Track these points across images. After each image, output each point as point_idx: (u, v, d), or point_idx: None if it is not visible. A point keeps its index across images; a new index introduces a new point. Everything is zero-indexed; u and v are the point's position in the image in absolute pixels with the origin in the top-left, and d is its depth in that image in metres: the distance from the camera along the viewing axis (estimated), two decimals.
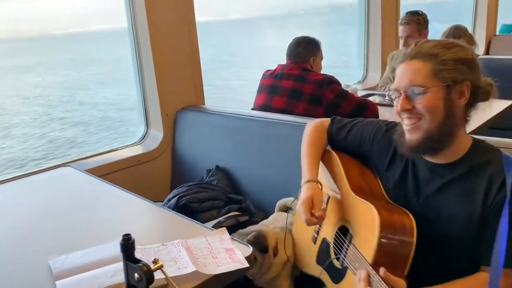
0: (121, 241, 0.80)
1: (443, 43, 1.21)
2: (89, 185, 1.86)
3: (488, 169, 1.18)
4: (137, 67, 2.44)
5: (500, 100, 2.77)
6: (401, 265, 1.19)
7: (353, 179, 1.41)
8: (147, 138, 2.52)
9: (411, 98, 1.19)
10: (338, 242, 1.40)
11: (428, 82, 1.17)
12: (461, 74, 1.17)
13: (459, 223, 1.21)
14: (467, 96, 1.19)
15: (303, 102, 2.42)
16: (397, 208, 1.28)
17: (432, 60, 1.17)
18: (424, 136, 1.20)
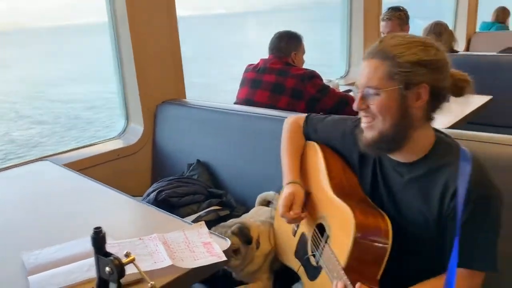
0: (91, 235, 0.78)
1: (407, 41, 1.17)
2: (67, 180, 1.83)
3: (445, 174, 1.17)
4: (117, 60, 2.41)
5: (480, 96, 2.81)
6: (375, 269, 1.18)
7: (334, 176, 1.39)
8: (127, 132, 2.49)
9: (366, 98, 1.19)
10: (315, 239, 1.39)
11: (382, 84, 1.16)
12: (417, 76, 1.14)
13: (420, 225, 1.22)
14: (424, 98, 1.16)
15: (286, 96, 2.42)
16: (373, 210, 1.27)
17: (389, 61, 1.15)
18: (378, 136, 1.19)
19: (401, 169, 1.25)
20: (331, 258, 1.24)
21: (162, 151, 2.48)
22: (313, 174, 1.49)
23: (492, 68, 3.44)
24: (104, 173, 2.23)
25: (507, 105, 3.20)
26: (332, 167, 1.42)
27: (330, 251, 1.26)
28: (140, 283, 1.05)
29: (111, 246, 1.20)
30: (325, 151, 1.47)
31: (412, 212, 1.23)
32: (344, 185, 1.38)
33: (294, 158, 1.53)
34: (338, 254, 1.22)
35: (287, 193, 1.40)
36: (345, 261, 1.18)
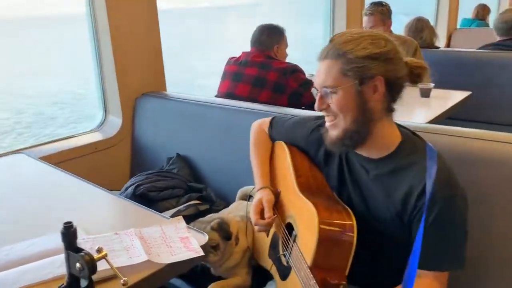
0: (61, 229, 0.75)
1: (355, 37, 1.18)
2: (43, 173, 1.78)
3: (410, 174, 1.17)
4: (96, 51, 2.35)
5: (459, 91, 2.84)
6: (342, 265, 1.18)
7: (301, 175, 1.39)
8: (105, 125, 2.43)
9: (324, 97, 1.20)
10: (285, 239, 1.39)
11: (337, 83, 1.17)
12: (370, 70, 1.15)
13: (387, 222, 1.21)
14: (381, 91, 1.16)
15: (267, 90, 2.41)
16: (338, 207, 1.26)
17: (340, 59, 1.16)
18: (342, 133, 1.20)
19: (368, 165, 1.25)
20: (299, 257, 1.24)
21: (141, 144, 2.44)
22: (282, 173, 1.49)
23: (472, 64, 3.48)
24: (81, 167, 2.18)
25: (486, 101, 3.25)
26: (299, 166, 1.42)
27: (298, 250, 1.25)
28: (114, 279, 1.02)
29: (84, 241, 1.18)
30: (292, 151, 1.47)
31: (379, 208, 1.23)
32: (311, 183, 1.38)
33: (262, 164, 1.55)
34: (304, 253, 1.22)
35: (255, 201, 1.43)
36: (311, 259, 1.18)
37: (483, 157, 1.34)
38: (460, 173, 1.20)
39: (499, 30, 3.66)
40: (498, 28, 3.67)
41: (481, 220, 1.29)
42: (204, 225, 1.59)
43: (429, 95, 2.71)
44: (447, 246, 1.14)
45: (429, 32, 3.82)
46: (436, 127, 1.52)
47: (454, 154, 1.36)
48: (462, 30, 5.59)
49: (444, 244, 1.13)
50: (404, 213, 1.17)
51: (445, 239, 1.13)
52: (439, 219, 1.11)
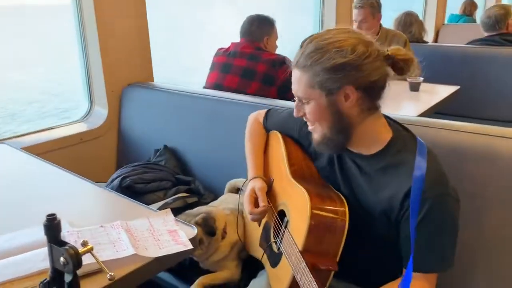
0: (44, 222, 0.72)
1: (321, 45, 1.12)
2: (26, 164, 1.73)
3: (399, 172, 1.14)
4: (81, 39, 2.29)
5: (447, 86, 2.85)
6: (333, 251, 1.17)
7: (294, 163, 1.39)
8: (90, 115, 2.37)
9: (299, 106, 1.20)
10: (276, 226, 1.38)
11: (306, 94, 1.16)
12: (336, 82, 1.11)
13: (376, 217, 1.20)
14: (353, 98, 1.13)
15: (256, 81, 2.38)
16: (332, 194, 1.25)
17: (306, 71, 1.14)
18: (322, 138, 1.20)
19: (359, 161, 1.23)
20: (290, 242, 1.23)
21: (128, 135, 2.39)
22: (275, 162, 1.49)
23: (460, 59, 3.49)
24: (66, 158, 2.13)
25: (474, 96, 3.27)
26: (292, 155, 1.42)
27: (289, 235, 1.25)
28: (100, 273, 0.99)
29: (69, 234, 1.14)
30: (287, 140, 1.47)
31: (368, 204, 1.21)
32: (304, 171, 1.38)
33: (255, 154, 1.54)
34: (296, 238, 1.21)
35: (248, 190, 1.42)
36: (302, 244, 1.17)
37: (475, 151, 1.34)
38: (451, 167, 1.19)
39: (484, 25, 3.69)
40: (483, 23, 3.70)
41: (472, 214, 1.29)
42: (190, 218, 1.57)
43: (418, 89, 2.71)
44: (436, 247, 1.12)
45: (418, 27, 3.83)
46: (427, 120, 1.52)
47: (445, 148, 1.36)
48: (450, 25, 5.62)
49: (433, 245, 1.11)
50: (391, 212, 1.15)
51: (434, 240, 1.11)
52: (428, 218, 1.09)
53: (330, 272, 1.16)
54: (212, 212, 1.62)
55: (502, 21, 3.63)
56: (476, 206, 1.31)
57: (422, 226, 1.09)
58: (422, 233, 1.09)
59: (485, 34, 3.71)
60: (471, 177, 1.33)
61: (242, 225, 1.66)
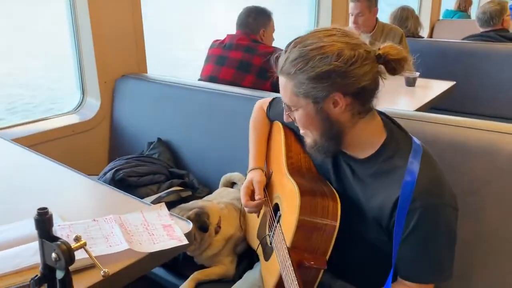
0: (35, 216, 0.69)
1: (306, 51, 1.05)
2: (16, 156, 1.69)
3: (390, 179, 1.09)
4: (73, 28, 2.24)
5: (442, 81, 2.84)
6: (322, 249, 1.14)
7: (292, 156, 1.37)
8: (82, 107, 2.33)
9: (288, 112, 1.16)
10: (271, 219, 1.36)
11: (293, 102, 1.11)
12: (322, 91, 1.05)
13: (365, 222, 1.17)
14: (342, 104, 1.07)
15: (251, 74, 2.34)
16: (325, 190, 1.22)
17: (291, 79, 1.08)
18: (313, 143, 1.17)
19: (353, 164, 1.19)
20: (280, 238, 1.20)
21: (121, 128, 2.35)
22: (275, 154, 1.47)
23: (455, 55, 3.48)
24: (57, 150, 2.09)
25: (469, 92, 3.27)
26: (291, 147, 1.39)
27: (280, 231, 1.22)
28: (92, 268, 0.96)
29: (61, 228, 1.11)
30: (287, 132, 1.44)
31: (359, 208, 1.18)
32: (301, 165, 1.35)
33: (257, 144, 1.51)
34: (285, 233, 1.19)
35: (246, 182, 1.40)
36: (290, 240, 1.15)
37: (476, 147, 1.32)
38: (451, 163, 1.18)
39: (479, 21, 3.69)
40: (479, 19, 3.70)
41: (471, 211, 1.28)
42: (184, 212, 1.54)
43: (414, 84, 2.70)
44: (428, 257, 1.08)
45: (414, 22, 3.81)
46: (427, 115, 1.49)
47: (445, 144, 1.34)
48: (445, 21, 5.61)
49: (424, 255, 1.08)
50: (382, 220, 1.12)
51: (426, 250, 1.07)
52: (418, 229, 1.04)
53: (318, 270, 1.13)
54: (206, 207, 1.59)
55: (497, 17, 3.62)
56: (476, 203, 1.29)
57: (413, 235, 1.05)
58: (412, 242, 1.06)
59: (480, 29, 3.70)
60: (471, 173, 1.31)
61: (236, 220, 1.63)
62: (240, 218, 1.64)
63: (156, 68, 2.69)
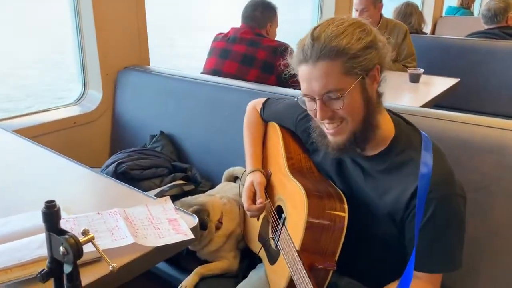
0: (43, 209, 0.67)
1: (343, 28, 1.05)
2: (17, 147, 1.67)
3: (404, 172, 1.10)
4: (76, 19, 2.21)
5: (446, 78, 2.82)
6: (331, 249, 1.13)
7: (292, 157, 1.35)
8: (84, 99, 2.31)
9: (328, 104, 1.07)
10: (275, 222, 1.34)
11: (341, 84, 1.04)
12: (370, 61, 1.05)
13: (376, 218, 1.16)
14: (378, 79, 1.09)
15: (255, 69, 2.32)
16: (330, 190, 1.21)
17: (339, 57, 1.03)
18: (350, 137, 1.10)
19: (362, 162, 1.18)
20: (287, 241, 1.19)
21: (123, 120, 2.33)
22: (273, 155, 1.45)
23: (459, 52, 3.46)
24: (59, 142, 2.08)
25: (473, 89, 3.25)
26: (290, 148, 1.37)
27: (287, 234, 1.21)
28: (98, 262, 0.95)
29: (65, 221, 1.09)
30: (284, 132, 1.42)
31: (369, 207, 1.17)
32: (302, 166, 1.33)
33: (254, 145, 1.49)
34: (293, 236, 1.17)
35: (247, 185, 1.38)
36: (299, 243, 1.13)
37: (482, 144, 1.31)
38: (458, 160, 1.17)
39: (484, 17, 3.67)
40: (483, 16, 3.68)
41: (478, 208, 1.27)
42: (185, 207, 1.53)
43: (418, 81, 2.68)
44: (442, 248, 1.08)
45: (418, 18, 3.79)
46: (434, 112, 1.49)
47: (451, 140, 1.33)
48: (447, 17, 5.58)
49: (438, 246, 1.08)
50: (396, 214, 1.11)
51: (440, 240, 1.08)
52: (434, 219, 1.05)
53: (328, 271, 1.12)
54: (207, 203, 1.57)
55: (501, 14, 3.61)
56: (482, 200, 1.29)
57: (428, 226, 1.05)
58: (427, 233, 1.06)
59: (485, 26, 3.68)
60: (478, 170, 1.30)
61: (237, 216, 1.62)
62: (240, 220, 1.62)
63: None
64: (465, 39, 3.67)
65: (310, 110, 1.12)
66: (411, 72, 2.69)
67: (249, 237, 1.57)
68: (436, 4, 5.29)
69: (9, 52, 9.68)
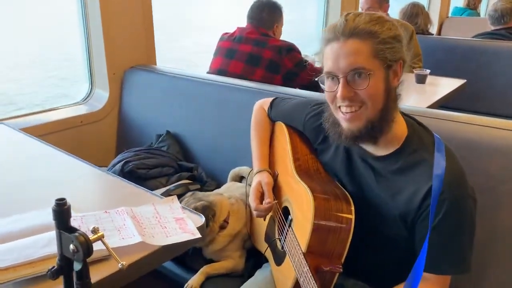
0: (53, 207, 0.68)
1: (375, 17, 1.08)
2: (25, 145, 1.68)
3: (417, 172, 1.09)
4: (83, 19, 2.23)
5: (453, 79, 2.81)
6: (338, 252, 1.13)
7: (299, 157, 1.34)
8: (91, 98, 2.32)
9: (352, 83, 1.06)
10: (281, 223, 1.34)
11: (370, 65, 1.05)
12: (396, 53, 1.07)
13: (387, 218, 1.15)
14: (400, 75, 1.10)
15: (261, 68, 2.33)
16: (337, 192, 1.20)
17: (371, 38, 1.04)
18: (366, 125, 1.08)
19: (373, 162, 1.17)
20: (293, 243, 1.19)
21: (129, 119, 2.34)
22: (280, 155, 1.44)
23: (466, 53, 3.45)
24: (65, 141, 2.08)
25: (479, 90, 3.24)
26: (297, 149, 1.37)
27: (293, 235, 1.21)
28: (106, 260, 0.96)
29: (73, 219, 1.09)
30: (292, 132, 1.42)
31: (380, 208, 1.17)
32: (309, 167, 1.32)
33: (261, 145, 1.49)
34: (299, 238, 1.17)
35: (255, 185, 1.37)
36: (305, 245, 1.13)
37: (491, 145, 1.31)
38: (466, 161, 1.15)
39: (490, 18, 3.66)
40: (490, 16, 3.67)
41: (485, 209, 1.26)
42: (195, 200, 1.53)
43: (424, 81, 2.67)
44: (453, 249, 1.08)
45: (424, 18, 3.78)
46: (442, 113, 1.49)
47: (460, 142, 1.32)
48: (453, 18, 5.56)
49: (449, 246, 1.08)
50: (408, 214, 1.11)
51: (451, 241, 1.07)
52: (445, 220, 1.05)
53: (334, 273, 1.12)
54: (215, 203, 1.57)
55: (508, 15, 3.59)
56: (490, 201, 1.28)
57: (440, 227, 1.05)
58: (439, 233, 1.05)
59: (491, 27, 3.67)
60: (486, 171, 1.30)
61: (244, 216, 1.62)
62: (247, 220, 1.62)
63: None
64: (472, 40, 3.66)
65: (329, 91, 1.11)
66: (417, 73, 2.68)
67: (255, 237, 1.57)
68: (442, 5, 5.27)
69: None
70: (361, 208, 1.16)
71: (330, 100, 1.12)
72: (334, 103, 1.11)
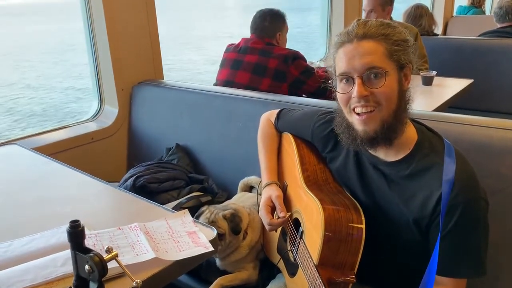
0: (68, 228, 0.69)
1: (385, 22, 1.12)
2: (38, 164, 1.71)
3: (429, 177, 1.09)
4: (90, 37, 2.26)
5: (459, 79, 2.80)
6: (350, 262, 1.13)
7: (307, 168, 1.34)
8: (101, 115, 2.35)
9: (368, 83, 1.07)
10: (293, 235, 1.34)
11: (386, 65, 1.07)
12: (407, 56, 1.10)
13: (401, 224, 1.15)
14: (410, 79, 1.13)
15: (268, 78, 2.34)
16: (347, 202, 1.20)
17: (384, 40, 1.07)
18: (381, 125, 1.09)
19: (384, 168, 1.17)
20: (305, 255, 1.19)
21: (139, 134, 2.37)
22: (289, 167, 1.44)
23: (472, 52, 3.43)
24: (77, 158, 2.11)
25: (487, 89, 3.22)
26: (305, 159, 1.37)
27: (304, 247, 1.21)
28: (121, 277, 0.97)
29: (87, 237, 1.11)
30: (299, 143, 1.42)
31: (393, 214, 1.16)
32: (318, 177, 1.32)
33: (268, 157, 1.49)
34: (311, 250, 1.17)
35: (265, 199, 1.37)
36: (317, 257, 1.13)
37: (501, 147, 1.30)
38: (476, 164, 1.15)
39: (496, 15, 3.64)
40: (495, 14, 3.65)
41: (496, 211, 1.25)
42: (218, 210, 1.54)
43: (431, 83, 2.67)
44: (467, 252, 1.07)
45: (428, 19, 3.77)
46: (449, 116, 1.48)
47: (469, 144, 1.32)
48: (458, 17, 5.54)
49: (464, 250, 1.07)
50: (422, 219, 1.10)
51: (466, 245, 1.07)
52: (459, 223, 1.05)
53: (348, 284, 1.12)
54: (240, 211, 1.58)
55: None
56: (502, 203, 1.27)
57: (455, 230, 1.05)
58: (454, 237, 1.05)
59: (497, 25, 3.65)
60: (496, 173, 1.29)
61: (261, 226, 1.62)
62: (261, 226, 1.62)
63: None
64: (478, 39, 3.64)
65: (343, 93, 1.11)
66: (423, 75, 2.68)
67: (268, 248, 1.57)
68: (446, 4, 5.26)
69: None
70: (373, 214, 1.16)
71: (344, 102, 1.12)
72: (348, 105, 1.12)
